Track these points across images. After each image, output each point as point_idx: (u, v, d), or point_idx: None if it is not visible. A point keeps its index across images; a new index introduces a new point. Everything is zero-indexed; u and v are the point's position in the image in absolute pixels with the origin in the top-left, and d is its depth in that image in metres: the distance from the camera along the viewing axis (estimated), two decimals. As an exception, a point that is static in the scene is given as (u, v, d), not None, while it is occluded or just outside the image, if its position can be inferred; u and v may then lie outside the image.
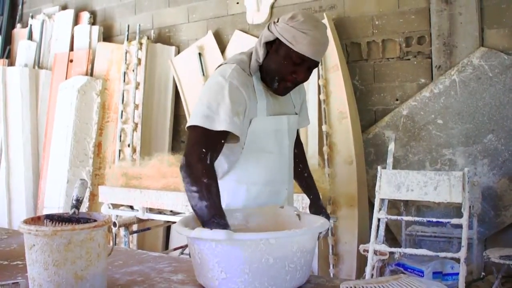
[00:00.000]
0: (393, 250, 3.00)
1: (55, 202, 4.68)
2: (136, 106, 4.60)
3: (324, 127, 3.70)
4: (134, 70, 4.64)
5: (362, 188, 3.68)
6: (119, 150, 4.62)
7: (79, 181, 1.49)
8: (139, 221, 3.58)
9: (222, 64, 1.75)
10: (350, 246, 3.58)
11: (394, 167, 3.26)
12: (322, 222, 1.51)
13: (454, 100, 3.49)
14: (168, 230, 4.54)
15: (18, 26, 5.88)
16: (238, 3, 4.43)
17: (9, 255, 1.85)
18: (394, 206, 3.44)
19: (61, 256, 1.28)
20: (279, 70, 1.66)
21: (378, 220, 3.05)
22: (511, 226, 3.36)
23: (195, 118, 1.60)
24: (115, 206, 3.64)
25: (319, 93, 3.73)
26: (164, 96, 4.75)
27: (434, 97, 3.55)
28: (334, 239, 3.64)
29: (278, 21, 1.66)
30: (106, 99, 4.86)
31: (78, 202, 1.47)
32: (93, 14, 5.36)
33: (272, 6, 4.20)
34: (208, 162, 1.56)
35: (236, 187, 1.77)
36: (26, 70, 5.22)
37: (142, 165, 3.67)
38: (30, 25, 5.58)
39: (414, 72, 3.70)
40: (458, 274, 2.78)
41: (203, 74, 4.40)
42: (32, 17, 5.64)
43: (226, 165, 1.76)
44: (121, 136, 4.64)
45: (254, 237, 1.35)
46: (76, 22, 5.34)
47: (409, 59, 3.71)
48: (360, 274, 3.49)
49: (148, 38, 4.77)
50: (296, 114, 1.89)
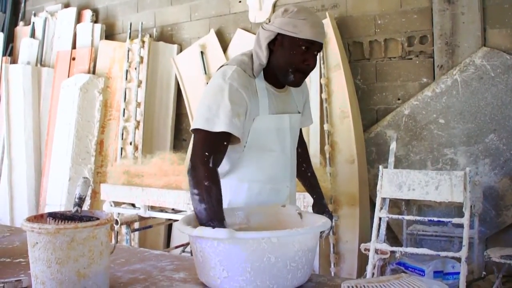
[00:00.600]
0: (394, 249, 3.00)
1: (57, 199, 4.69)
2: (138, 104, 4.60)
3: (326, 126, 3.70)
4: (136, 68, 4.65)
5: (364, 187, 3.68)
6: (121, 148, 4.63)
7: (82, 179, 1.49)
8: (141, 219, 3.59)
9: (223, 65, 1.76)
10: (351, 245, 3.59)
11: (396, 167, 3.26)
12: (323, 221, 1.52)
13: (456, 99, 3.49)
14: (169, 228, 4.55)
15: (21, 23, 5.88)
16: (240, 2, 4.42)
17: (11, 253, 1.86)
18: (395, 205, 3.44)
19: (64, 254, 1.28)
20: (290, 61, 1.67)
21: (380, 219, 3.05)
22: (512, 225, 3.37)
23: (197, 122, 1.62)
24: (117, 204, 3.65)
25: (321, 92, 3.74)
26: (166, 94, 4.75)
27: (436, 96, 3.55)
28: (335, 238, 3.64)
29: (270, 20, 1.70)
30: (108, 97, 4.86)
31: (81, 200, 1.48)
32: (95, 12, 5.36)
33: (274, 5, 4.20)
34: (210, 165, 1.58)
35: (237, 185, 1.78)
36: (29, 68, 5.23)
37: (144, 163, 3.68)
38: (33, 22, 5.58)
39: (416, 71, 3.70)
40: (459, 273, 2.78)
41: (205, 73, 4.41)
42: (34, 14, 5.65)
43: (228, 163, 1.77)
44: (123, 134, 4.65)
45: (256, 236, 1.35)
46: (78, 20, 5.34)
47: (411, 59, 3.71)
48: (361, 273, 3.49)
49: (150, 36, 4.78)
50: (299, 113, 1.90)
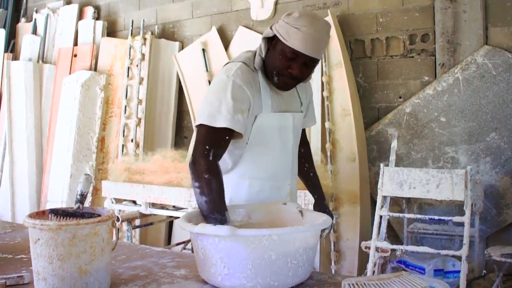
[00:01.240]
0: (394, 247, 3.00)
1: (58, 196, 4.70)
2: (139, 101, 4.61)
3: (327, 124, 3.70)
4: (138, 65, 4.64)
5: (365, 185, 3.68)
6: (122, 145, 4.64)
7: (84, 176, 1.50)
8: (142, 216, 3.59)
9: (228, 62, 1.79)
10: (352, 243, 3.59)
11: (397, 165, 3.26)
12: (324, 219, 1.52)
13: (457, 98, 3.49)
14: (170, 225, 4.55)
15: (23, 20, 5.87)
16: (242, -1, 4.43)
17: (13, 249, 1.87)
18: (396, 203, 3.44)
19: (65, 250, 1.29)
20: (276, 65, 1.69)
21: (380, 217, 3.06)
22: (513, 224, 3.37)
23: (200, 117, 1.65)
24: (118, 201, 3.65)
25: (323, 90, 3.74)
26: (167, 91, 4.75)
27: (438, 95, 3.55)
28: (336, 236, 3.64)
29: (280, 20, 1.71)
30: (109, 94, 4.86)
31: (83, 197, 1.48)
32: (97, 9, 5.36)
33: (276, 3, 4.19)
34: (211, 158, 1.59)
35: (239, 182, 1.79)
36: (30, 65, 5.23)
37: (145, 160, 3.68)
38: (35, 19, 5.58)
39: (418, 69, 3.69)
40: (459, 271, 2.79)
41: (207, 70, 4.40)
42: (36, 11, 5.65)
43: (230, 160, 1.78)
44: (124, 131, 4.65)
45: (257, 233, 1.36)
46: (80, 16, 5.34)
47: (412, 57, 3.71)
48: (361, 271, 3.50)
49: (152, 34, 4.78)
50: (302, 112, 1.91)
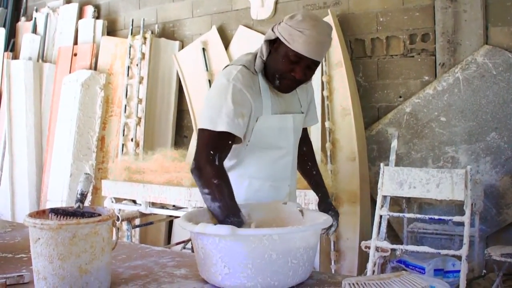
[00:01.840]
0: (394, 247, 3.00)
1: (58, 195, 4.70)
2: (139, 101, 4.60)
3: (327, 124, 3.70)
4: (138, 65, 4.64)
5: (365, 184, 3.68)
6: (122, 144, 4.63)
7: (84, 175, 1.50)
8: (142, 215, 3.59)
9: (228, 65, 1.77)
10: (352, 242, 3.59)
11: (397, 164, 3.26)
12: (324, 219, 1.52)
13: (457, 97, 3.49)
14: (170, 224, 4.55)
15: (23, 19, 5.87)
16: (242, -2, 4.43)
17: (13, 248, 1.87)
18: (396, 203, 3.44)
19: (66, 249, 1.29)
20: (279, 68, 1.68)
21: (380, 217, 3.06)
22: (513, 224, 3.37)
23: (201, 122, 1.64)
24: (118, 200, 3.65)
25: (323, 89, 3.73)
26: (167, 90, 4.75)
27: (438, 94, 3.55)
28: (336, 235, 3.64)
29: (282, 21, 1.70)
30: (109, 93, 4.86)
31: (83, 196, 1.48)
32: (97, 8, 5.35)
33: (276, 2, 4.19)
34: (217, 163, 1.60)
35: (238, 181, 1.78)
36: (30, 64, 5.23)
37: (145, 159, 3.68)
38: (35, 18, 5.58)
39: (418, 69, 3.69)
40: (459, 271, 2.79)
41: (207, 69, 4.40)
42: (36, 10, 5.64)
43: (229, 160, 1.77)
44: (124, 130, 4.65)
45: (257, 232, 1.36)
46: (80, 16, 5.34)
47: (413, 56, 3.71)
48: (361, 270, 3.50)
49: (152, 33, 4.77)
50: (302, 113, 1.91)
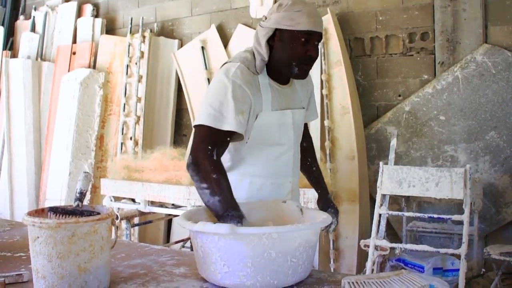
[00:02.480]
0: (394, 245, 3.00)
1: (57, 194, 4.69)
2: (138, 99, 4.60)
3: (326, 122, 3.70)
4: (137, 63, 4.64)
5: (364, 183, 3.68)
6: (121, 143, 4.63)
7: (83, 174, 1.49)
8: (141, 214, 3.59)
9: (226, 62, 1.76)
10: (351, 241, 3.59)
11: (396, 163, 3.26)
12: (324, 217, 1.51)
13: (456, 96, 3.49)
14: (169, 223, 4.55)
15: (21, 17, 5.86)
16: (241, -3, 4.42)
17: (12, 247, 1.86)
18: (395, 201, 3.45)
19: (65, 248, 1.28)
20: (292, 55, 1.68)
21: (379, 215, 3.06)
22: (512, 223, 3.38)
23: (200, 118, 1.63)
24: (117, 199, 3.65)
25: (322, 88, 3.73)
26: (166, 89, 4.75)
27: (437, 93, 3.55)
28: (335, 234, 3.64)
29: (266, 18, 1.71)
30: (108, 92, 4.86)
31: (82, 195, 1.48)
32: (96, 6, 5.35)
33: (275, 0, 4.19)
34: (215, 158, 1.59)
35: (239, 180, 1.78)
36: (29, 62, 5.22)
37: (144, 158, 3.67)
38: (33, 17, 5.57)
39: (417, 68, 3.69)
40: (458, 270, 2.79)
41: (206, 68, 4.40)
42: (35, 9, 5.63)
43: (230, 159, 1.77)
44: (123, 129, 4.64)
45: (257, 231, 1.35)
46: (79, 14, 5.33)
47: (412, 55, 3.71)
48: (360, 269, 3.50)
49: (151, 31, 4.77)
50: (303, 108, 1.90)
